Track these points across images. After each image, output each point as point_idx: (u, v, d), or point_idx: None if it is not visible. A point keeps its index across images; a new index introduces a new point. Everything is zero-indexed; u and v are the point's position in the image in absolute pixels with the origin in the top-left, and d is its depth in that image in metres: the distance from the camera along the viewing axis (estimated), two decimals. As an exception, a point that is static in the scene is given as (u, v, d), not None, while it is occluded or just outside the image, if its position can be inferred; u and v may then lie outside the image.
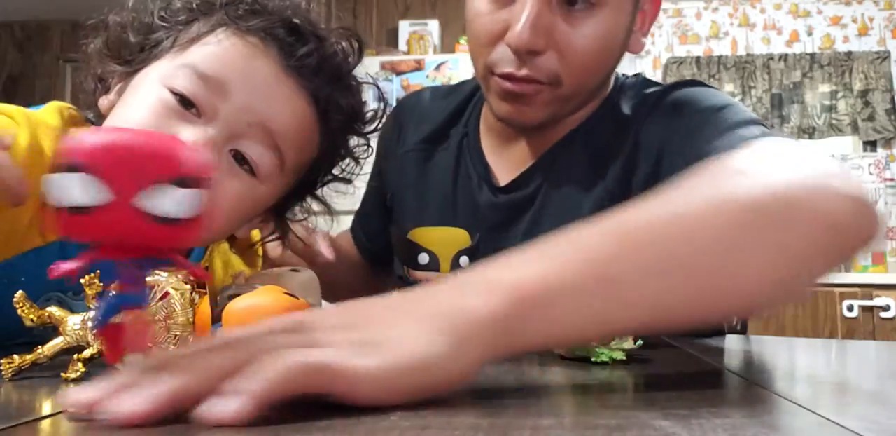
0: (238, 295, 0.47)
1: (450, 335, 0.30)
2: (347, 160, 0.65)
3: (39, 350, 0.39)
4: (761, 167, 0.42)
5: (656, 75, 3.47)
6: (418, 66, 2.88)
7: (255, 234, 0.67)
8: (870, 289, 2.54)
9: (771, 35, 3.44)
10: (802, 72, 3.31)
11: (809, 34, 3.41)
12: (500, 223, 0.72)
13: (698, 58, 3.41)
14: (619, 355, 0.41)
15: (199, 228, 0.28)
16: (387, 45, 3.15)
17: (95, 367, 0.37)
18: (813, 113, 3.28)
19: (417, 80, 2.86)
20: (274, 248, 0.69)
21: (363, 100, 0.63)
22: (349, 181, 0.66)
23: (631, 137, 0.67)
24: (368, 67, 3.10)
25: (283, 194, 0.60)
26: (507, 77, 0.63)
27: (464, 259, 0.57)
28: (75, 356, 0.38)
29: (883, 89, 3.24)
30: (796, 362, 0.49)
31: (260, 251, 0.71)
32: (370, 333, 0.30)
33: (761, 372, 0.38)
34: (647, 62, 3.50)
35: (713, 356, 0.47)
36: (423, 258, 0.56)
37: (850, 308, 2.52)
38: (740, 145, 0.52)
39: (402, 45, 3.07)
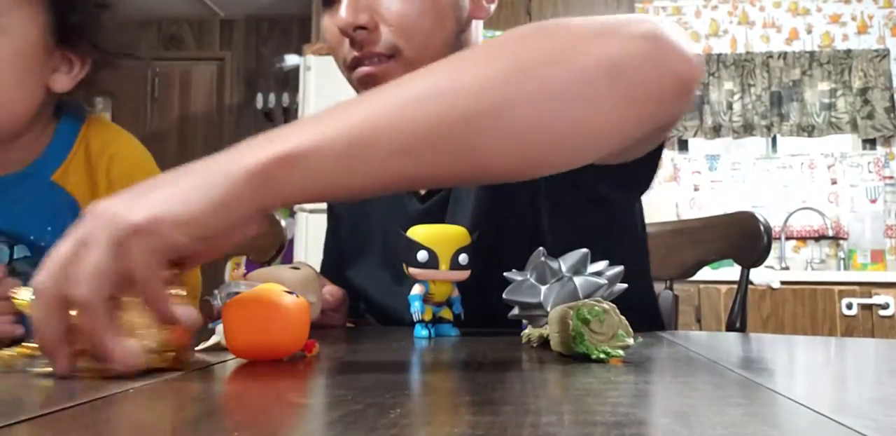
0: (238, 293, 0.47)
1: (218, 189, 0.36)
2: None
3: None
4: (564, 25, 0.43)
5: (656, 73, 3.47)
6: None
7: None
8: (869, 287, 2.54)
9: (770, 33, 3.44)
10: (802, 70, 3.31)
11: (809, 32, 3.41)
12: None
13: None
14: (618, 353, 0.41)
15: None
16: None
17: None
18: (812, 111, 3.27)
19: (417, 79, 2.85)
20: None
21: None
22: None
23: None
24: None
25: (44, 27, 0.60)
26: (356, 63, 0.66)
27: (463, 257, 0.57)
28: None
29: (882, 87, 3.24)
30: (795, 359, 0.49)
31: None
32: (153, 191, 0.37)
33: (760, 370, 0.38)
34: (646, 60, 3.50)
35: (712, 354, 0.47)
36: (423, 256, 0.56)
37: (850, 306, 2.52)
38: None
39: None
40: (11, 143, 0.63)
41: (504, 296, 0.52)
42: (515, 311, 0.53)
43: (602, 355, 0.41)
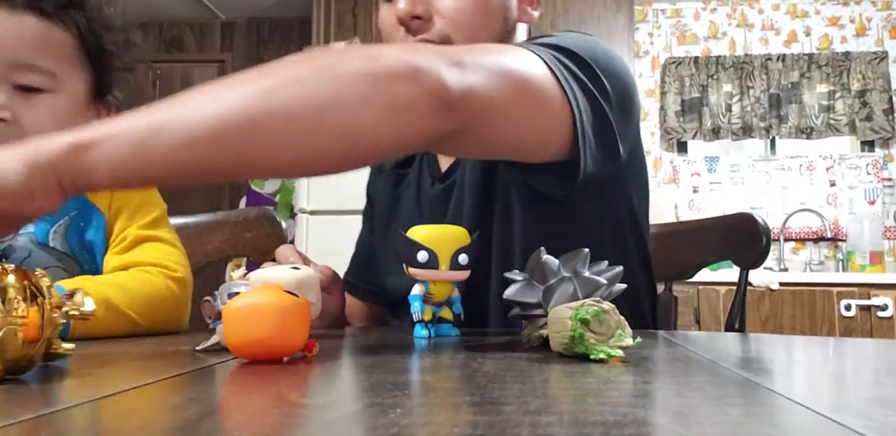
0: (238, 293, 0.48)
1: (25, 166, 0.41)
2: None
3: None
4: (339, 51, 0.50)
5: (654, 75, 3.47)
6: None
7: None
8: (867, 288, 2.54)
9: (769, 35, 3.45)
10: (800, 72, 3.32)
11: (807, 34, 3.41)
12: (438, 212, 0.80)
13: (696, 58, 3.41)
14: (618, 353, 0.41)
15: None
16: (385, 45, 3.15)
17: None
18: (811, 113, 3.28)
19: (416, 80, 2.86)
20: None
21: None
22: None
23: None
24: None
25: (89, 85, 0.74)
26: None
27: (462, 257, 0.57)
28: None
29: (881, 89, 3.24)
30: (794, 359, 0.49)
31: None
32: None
33: (759, 370, 0.38)
34: (645, 62, 3.50)
35: (711, 354, 0.47)
36: (423, 256, 0.56)
37: (848, 307, 2.52)
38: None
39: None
40: None
41: (504, 296, 0.52)
42: (515, 311, 0.53)
43: (602, 356, 0.41)
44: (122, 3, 0.76)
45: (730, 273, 2.54)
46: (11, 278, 0.35)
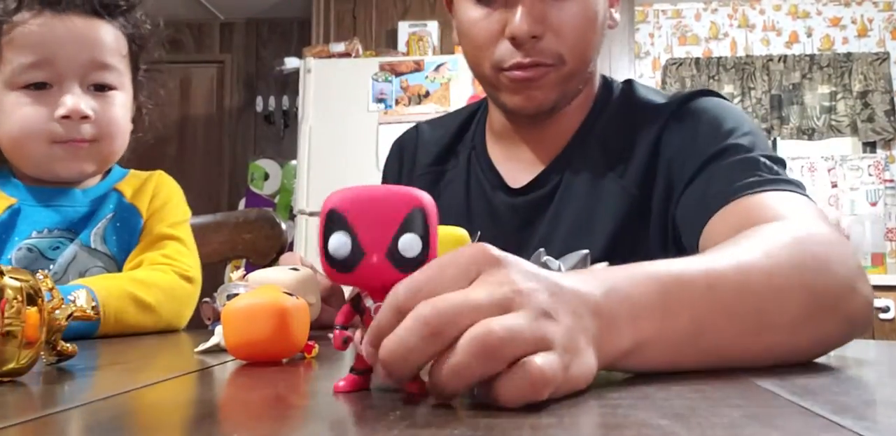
0: (237, 294, 0.48)
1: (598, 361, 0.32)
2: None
3: None
4: (809, 251, 0.46)
5: (655, 76, 3.47)
6: (417, 67, 2.88)
7: None
8: (869, 290, 2.54)
9: (770, 36, 3.45)
10: (802, 73, 3.32)
11: (809, 35, 3.42)
12: (520, 224, 0.77)
13: (698, 59, 3.41)
14: None
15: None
16: (386, 47, 3.15)
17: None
18: (812, 114, 3.28)
19: (417, 81, 2.86)
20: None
21: None
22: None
23: (649, 139, 0.73)
24: (368, 68, 3.13)
25: (132, 85, 0.82)
26: (518, 67, 0.69)
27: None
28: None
29: (882, 90, 3.24)
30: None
31: None
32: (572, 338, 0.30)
33: (760, 371, 0.38)
34: (646, 63, 3.50)
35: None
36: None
37: (850, 309, 2.52)
38: (765, 193, 0.60)
39: (402, 47, 3.07)
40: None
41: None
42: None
43: None
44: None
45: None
46: (9, 280, 0.35)
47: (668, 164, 0.71)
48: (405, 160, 0.89)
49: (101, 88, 0.76)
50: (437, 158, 0.85)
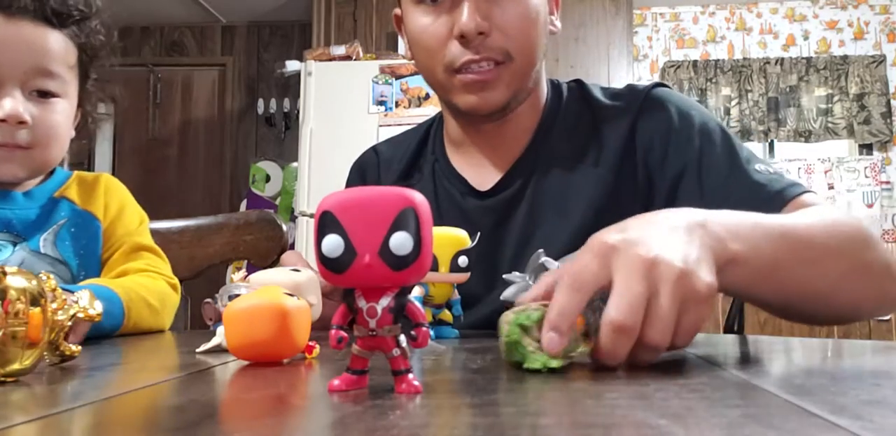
0: (239, 295, 0.48)
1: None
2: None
3: None
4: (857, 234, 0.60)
5: (653, 79, 3.48)
6: (417, 70, 2.89)
7: None
8: (867, 292, 2.54)
9: (767, 39, 3.46)
10: (798, 76, 3.32)
11: (805, 38, 3.43)
12: (493, 224, 0.78)
13: (695, 62, 3.42)
14: (555, 363, 0.37)
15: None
16: (386, 49, 3.15)
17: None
18: (809, 116, 3.29)
19: (416, 84, 2.87)
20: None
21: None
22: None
23: (624, 128, 0.76)
24: (368, 71, 3.14)
25: (77, 93, 0.80)
26: (469, 64, 0.71)
27: (462, 259, 0.58)
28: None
29: (878, 93, 3.25)
30: (793, 361, 0.50)
31: None
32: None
33: (758, 371, 0.38)
34: (644, 66, 3.51)
35: (710, 355, 0.47)
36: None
37: (847, 311, 2.52)
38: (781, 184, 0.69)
39: (402, 49, 3.08)
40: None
41: (502, 297, 0.52)
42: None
43: (537, 365, 0.37)
44: (119, 8, 0.81)
45: (729, 276, 2.53)
46: (12, 281, 0.35)
47: (646, 149, 0.75)
48: (368, 181, 0.91)
49: (44, 95, 0.75)
50: (402, 175, 0.87)
